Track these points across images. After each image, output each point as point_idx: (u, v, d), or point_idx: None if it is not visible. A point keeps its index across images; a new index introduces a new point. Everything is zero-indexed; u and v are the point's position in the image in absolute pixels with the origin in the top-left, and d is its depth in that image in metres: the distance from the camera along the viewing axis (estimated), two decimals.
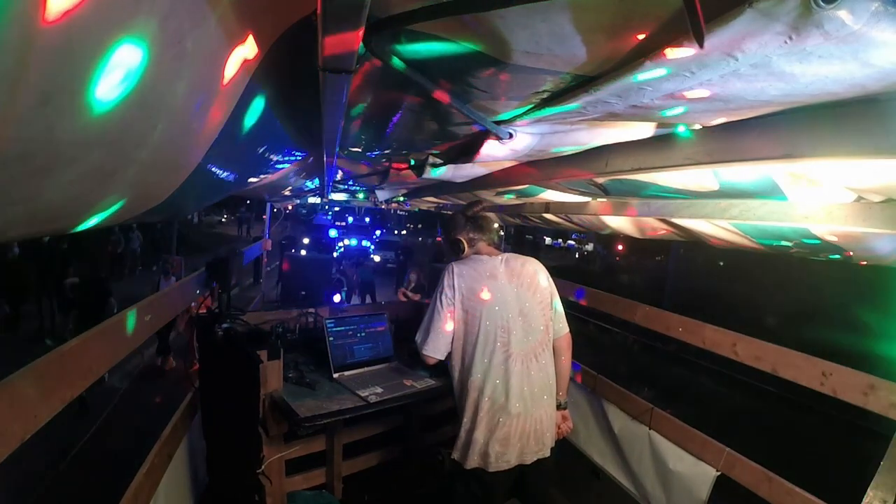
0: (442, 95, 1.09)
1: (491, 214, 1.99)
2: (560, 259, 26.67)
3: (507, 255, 1.91)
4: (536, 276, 1.88)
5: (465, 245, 1.90)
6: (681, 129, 1.26)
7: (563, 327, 1.93)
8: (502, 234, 2.01)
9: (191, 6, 0.59)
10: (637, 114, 1.11)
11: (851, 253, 1.71)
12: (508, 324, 1.75)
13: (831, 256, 1.88)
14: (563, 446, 2.12)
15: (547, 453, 1.82)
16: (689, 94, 0.89)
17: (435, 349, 1.79)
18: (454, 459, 1.81)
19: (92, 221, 1.09)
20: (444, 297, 1.77)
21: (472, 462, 1.75)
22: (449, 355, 1.83)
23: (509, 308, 1.77)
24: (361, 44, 0.71)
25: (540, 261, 1.97)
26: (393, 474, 2.77)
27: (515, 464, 1.75)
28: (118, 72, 0.57)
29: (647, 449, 2.43)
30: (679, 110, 1.03)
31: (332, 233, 15.90)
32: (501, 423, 1.71)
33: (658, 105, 0.99)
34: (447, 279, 1.79)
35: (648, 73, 0.78)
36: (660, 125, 1.26)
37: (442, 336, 1.78)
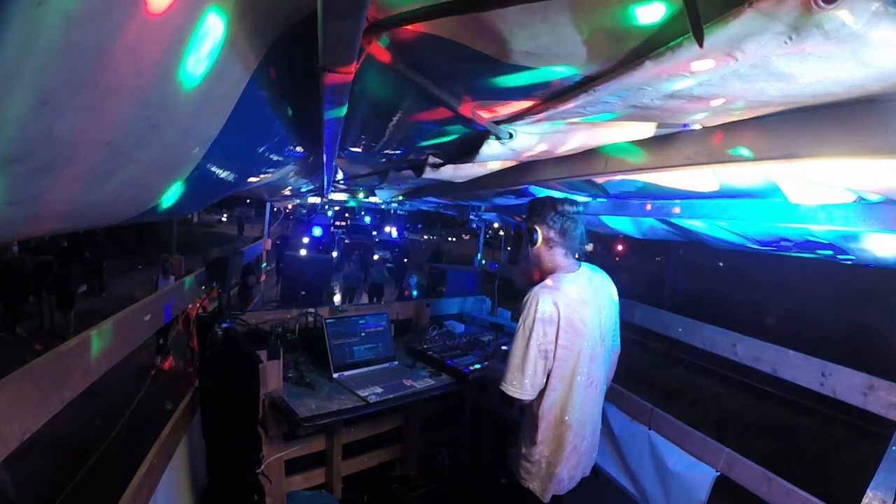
0: (442, 95, 1.09)
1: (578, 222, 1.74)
2: None
3: (585, 270, 1.72)
4: (612, 295, 1.78)
5: (540, 241, 1.68)
6: (681, 129, 1.26)
7: (618, 342, 1.86)
8: (586, 247, 1.75)
9: (191, 6, 0.59)
10: (637, 114, 1.11)
11: (852, 254, 1.71)
12: (594, 351, 1.66)
13: (831, 257, 1.88)
14: None
15: None
16: (689, 95, 0.89)
17: (532, 392, 1.59)
18: (529, 489, 1.69)
19: (93, 221, 1.09)
20: (538, 333, 1.55)
21: (550, 491, 1.67)
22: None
23: (595, 336, 1.66)
24: (361, 44, 0.71)
25: None
26: (393, 474, 2.77)
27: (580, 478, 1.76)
28: (119, 72, 0.57)
29: (646, 449, 2.43)
30: (679, 111, 1.03)
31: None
32: (577, 447, 1.69)
33: (658, 105, 0.99)
34: (541, 310, 1.54)
35: (648, 74, 0.78)
36: (660, 125, 1.26)
37: (539, 375, 1.58)
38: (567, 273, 1.66)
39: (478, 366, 2.29)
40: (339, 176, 3.48)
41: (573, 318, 1.58)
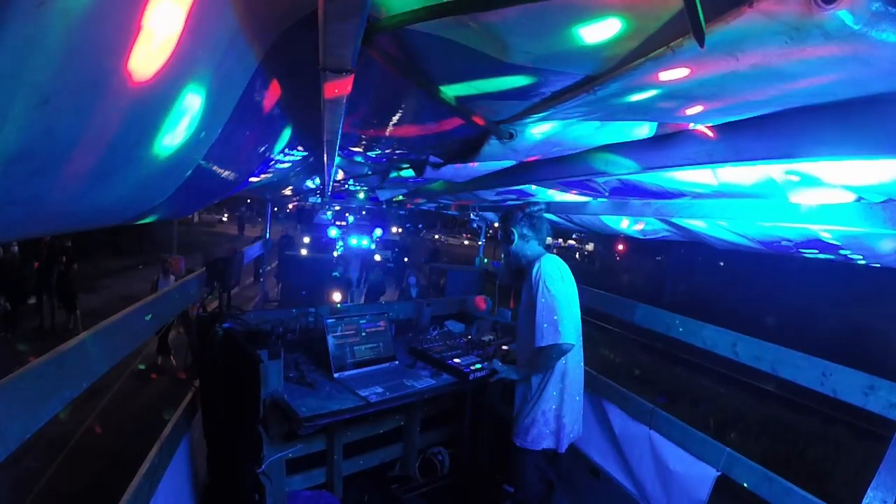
0: (442, 95, 1.09)
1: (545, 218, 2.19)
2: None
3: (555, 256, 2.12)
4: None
5: (517, 238, 2.09)
6: (681, 129, 1.26)
7: None
8: (550, 240, 2.20)
9: (191, 7, 0.59)
10: (637, 114, 1.11)
11: (851, 253, 1.71)
12: (578, 312, 2.04)
13: (831, 257, 1.88)
14: None
15: None
16: (689, 95, 0.89)
17: (568, 335, 1.87)
18: (544, 450, 1.98)
19: (94, 221, 1.09)
20: (556, 287, 1.90)
21: (563, 442, 1.98)
22: (520, 342, 2.07)
23: (575, 297, 2.06)
24: (361, 43, 0.71)
25: None
26: (393, 474, 2.77)
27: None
28: (118, 72, 0.57)
29: (647, 449, 2.43)
30: (679, 110, 1.03)
31: (333, 232, 15.56)
32: (573, 396, 2.02)
33: (658, 105, 0.99)
34: (552, 271, 1.93)
35: (648, 74, 0.78)
36: (660, 125, 1.26)
37: (570, 320, 1.89)
38: (547, 254, 2.06)
39: (479, 366, 2.29)
40: (340, 176, 3.48)
41: (568, 281, 2.01)
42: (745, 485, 1.95)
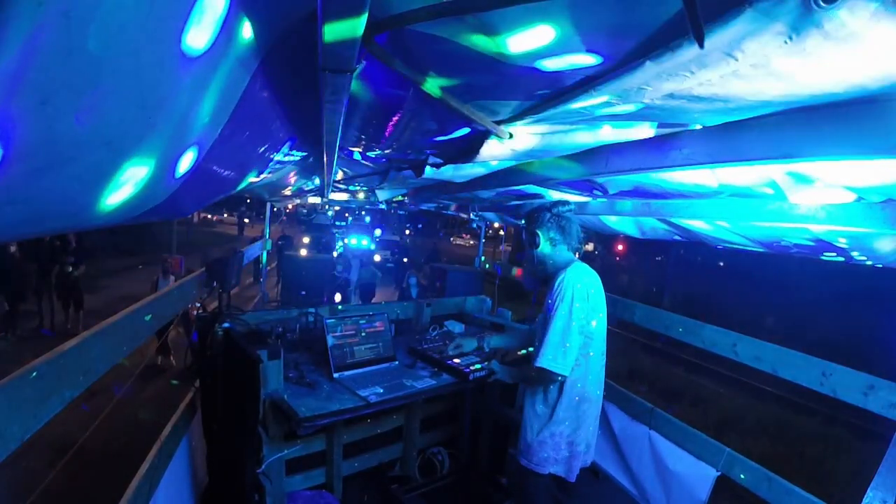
0: (442, 95, 1.09)
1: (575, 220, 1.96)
2: None
3: (582, 263, 1.92)
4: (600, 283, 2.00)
5: (544, 242, 1.88)
6: (681, 128, 1.26)
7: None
8: (582, 245, 1.97)
9: (190, 6, 0.59)
10: (637, 114, 1.11)
11: (853, 253, 1.71)
12: (602, 327, 1.86)
13: (831, 257, 1.88)
14: None
15: None
16: (689, 94, 0.89)
17: (567, 366, 1.72)
18: (552, 474, 1.82)
19: (93, 221, 1.09)
20: (574, 310, 1.71)
21: (575, 469, 1.82)
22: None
23: (603, 313, 1.88)
24: (361, 43, 0.71)
25: None
26: (393, 474, 2.77)
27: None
28: (119, 72, 0.57)
29: (647, 449, 2.43)
30: (679, 110, 1.03)
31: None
32: (591, 417, 1.85)
33: (658, 105, 0.99)
34: (575, 289, 1.73)
35: (648, 74, 0.78)
36: (660, 125, 1.26)
37: (574, 350, 1.73)
38: (576, 262, 1.86)
39: (478, 366, 2.29)
40: (340, 176, 3.48)
41: (594, 297, 1.80)
42: (742, 476, 1.96)
